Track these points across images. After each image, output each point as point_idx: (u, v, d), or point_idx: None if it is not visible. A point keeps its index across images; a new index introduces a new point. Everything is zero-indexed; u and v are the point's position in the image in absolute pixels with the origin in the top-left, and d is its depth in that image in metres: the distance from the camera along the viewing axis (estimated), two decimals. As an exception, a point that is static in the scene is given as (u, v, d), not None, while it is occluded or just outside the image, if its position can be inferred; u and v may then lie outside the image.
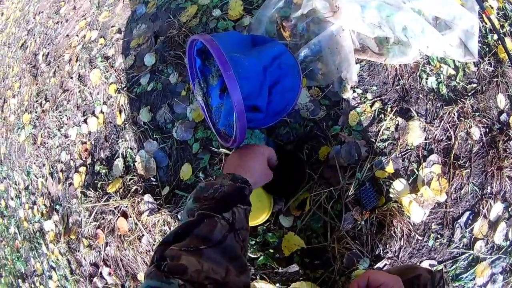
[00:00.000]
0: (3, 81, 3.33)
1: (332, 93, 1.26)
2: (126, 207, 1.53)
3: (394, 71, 1.27)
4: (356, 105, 1.24)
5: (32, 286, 2.45)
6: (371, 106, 1.24)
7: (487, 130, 1.25)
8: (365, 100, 1.25)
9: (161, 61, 1.62)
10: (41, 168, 2.26)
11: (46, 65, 2.55)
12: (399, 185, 1.15)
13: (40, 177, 2.26)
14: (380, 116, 1.22)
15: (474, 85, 1.32)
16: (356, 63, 1.28)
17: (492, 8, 1.48)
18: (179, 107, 1.48)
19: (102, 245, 1.68)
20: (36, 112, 2.39)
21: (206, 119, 1.28)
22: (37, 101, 2.44)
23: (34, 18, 3.31)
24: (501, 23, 1.46)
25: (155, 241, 1.47)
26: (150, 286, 0.55)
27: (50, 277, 2.20)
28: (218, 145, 1.33)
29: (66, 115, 2.07)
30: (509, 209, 1.21)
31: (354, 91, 1.26)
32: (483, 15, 1.34)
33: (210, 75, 1.23)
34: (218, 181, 0.76)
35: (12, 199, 2.69)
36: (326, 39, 1.28)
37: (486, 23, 1.39)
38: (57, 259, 2.06)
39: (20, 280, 2.65)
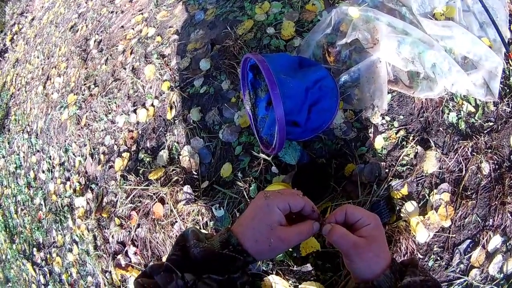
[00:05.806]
0: (48, 58, 3.64)
1: (364, 117, 1.49)
2: (164, 194, 1.78)
3: (420, 104, 1.47)
4: (383, 130, 1.46)
5: (48, 256, 2.69)
6: (396, 133, 1.45)
7: (497, 166, 1.37)
8: (392, 127, 1.46)
9: (216, 67, 1.88)
10: (81, 148, 2.54)
11: (98, 51, 2.84)
12: (410, 206, 1.33)
13: (79, 156, 2.54)
14: (403, 143, 1.43)
15: (491, 124, 1.43)
16: (388, 93, 1.49)
17: (519, 49, 1.54)
18: (228, 112, 1.74)
19: (134, 226, 1.92)
20: (83, 95, 2.69)
21: (251, 126, 1.56)
22: (85, 84, 2.74)
23: (86, 2, 3.61)
24: (525, 64, 1.52)
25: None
26: None
27: (70, 250, 2.43)
28: (259, 151, 1.57)
29: (115, 103, 2.36)
30: (507, 243, 1.30)
31: (383, 118, 1.48)
32: (509, 58, 1.46)
33: (259, 88, 1.52)
34: (211, 238, 0.69)
35: (43, 172, 2.95)
36: (365, 68, 1.51)
37: (510, 65, 1.49)
38: (82, 234, 2.30)
39: (35, 249, 2.89)
